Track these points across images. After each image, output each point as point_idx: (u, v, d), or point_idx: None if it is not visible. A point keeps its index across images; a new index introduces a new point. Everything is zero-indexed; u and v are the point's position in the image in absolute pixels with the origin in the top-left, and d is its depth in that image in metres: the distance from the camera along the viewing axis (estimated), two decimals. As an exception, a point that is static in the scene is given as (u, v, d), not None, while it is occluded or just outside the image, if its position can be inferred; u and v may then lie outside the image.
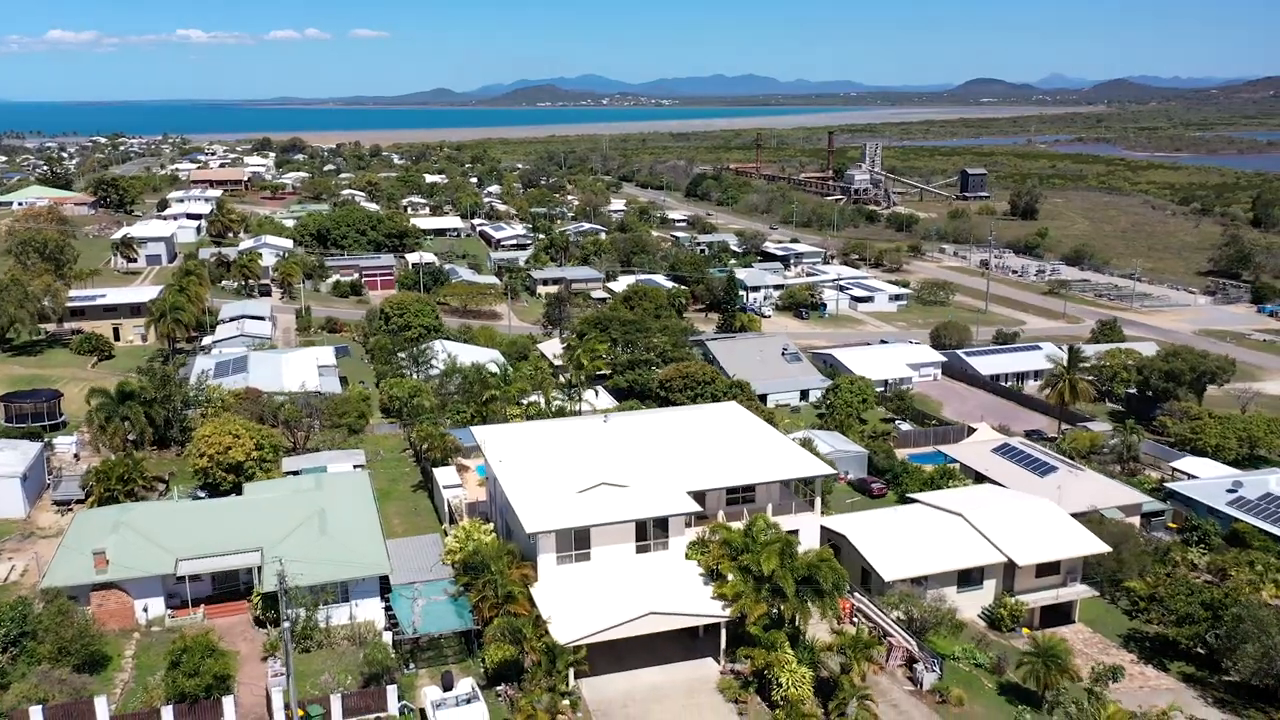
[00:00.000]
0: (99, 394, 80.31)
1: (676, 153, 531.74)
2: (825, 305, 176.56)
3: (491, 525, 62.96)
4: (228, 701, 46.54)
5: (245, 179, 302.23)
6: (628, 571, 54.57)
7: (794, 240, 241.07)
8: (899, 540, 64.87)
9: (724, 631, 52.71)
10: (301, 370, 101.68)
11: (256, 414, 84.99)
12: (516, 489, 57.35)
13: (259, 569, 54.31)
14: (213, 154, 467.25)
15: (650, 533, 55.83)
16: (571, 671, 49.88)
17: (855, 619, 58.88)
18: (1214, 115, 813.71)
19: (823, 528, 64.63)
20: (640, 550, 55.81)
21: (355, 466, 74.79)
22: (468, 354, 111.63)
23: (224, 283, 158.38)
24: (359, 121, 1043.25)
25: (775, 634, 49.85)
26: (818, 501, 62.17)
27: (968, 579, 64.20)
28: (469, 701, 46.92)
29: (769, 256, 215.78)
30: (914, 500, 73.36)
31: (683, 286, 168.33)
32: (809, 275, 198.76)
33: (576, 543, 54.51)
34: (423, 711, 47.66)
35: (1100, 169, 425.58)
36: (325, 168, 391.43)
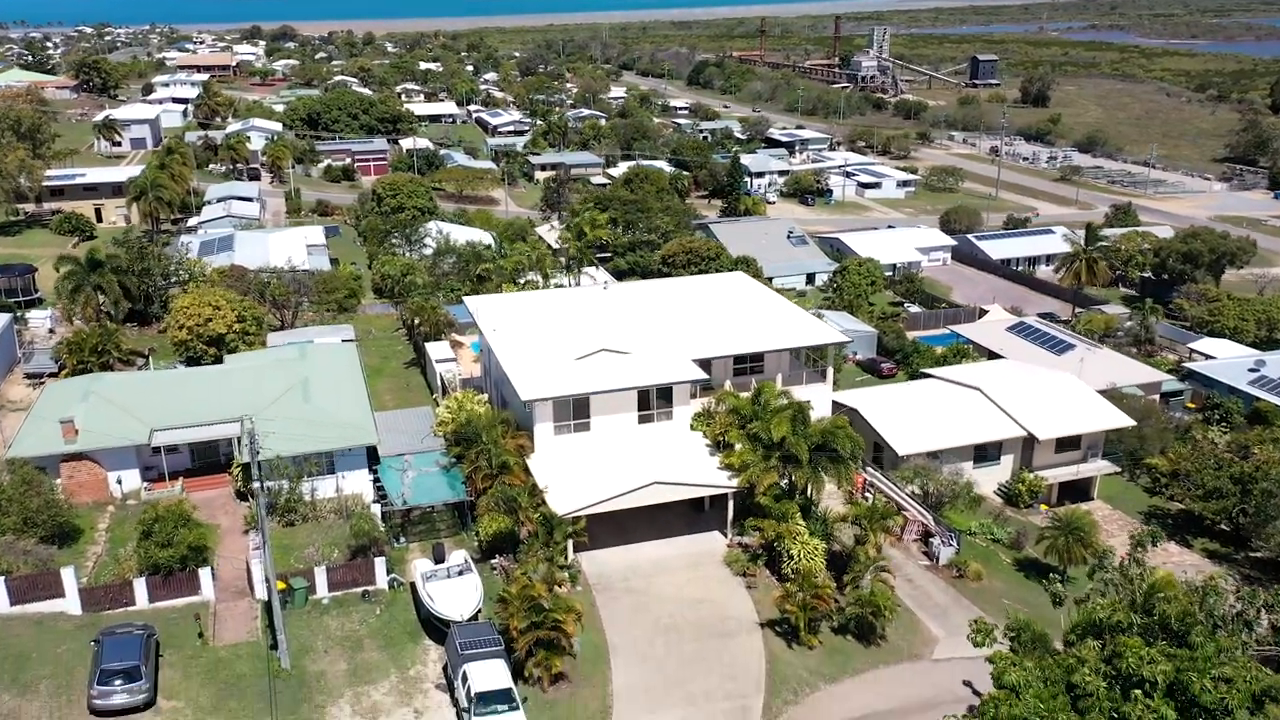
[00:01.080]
0: (67, 261, 76.42)
1: (678, 40, 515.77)
2: (831, 192, 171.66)
3: (485, 396, 59.94)
4: (204, 573, 44.00)
5: (234, 64, 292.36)
6: (629, 442, 51.56)
7: (799, 127, 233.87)
8: (913, 415, 61.87)
9: (731, 503, 49.96)
10: (289, 249, 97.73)
11: (242, 291, 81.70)
12: (511, 357, 54.01)
13: (238, 440, 51.15)
14: (201, 42, 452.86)
15: (653, 402, 52.64)
16: (570, 544, 47.28)
17: (868, 494, 56.29)
18: (1232, 1, 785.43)
19: (834, 402, 61.55)
20: (643, 420, 52.71)
21: (344, 341, 71.43)
22: (462, 235, 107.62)
23: (211, 166, 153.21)
24: (352, 10, 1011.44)
25: (786, 504, 47.05)
26: (830, 372, 58.83)
27: (984, 454, 61.44)
28: (461, 573, 44.38)
29: (774, 143, 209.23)
30: (928, 376, 70.25)
31: (685, 172, 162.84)
32: (814, 162, 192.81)
33: (575, 411, 51.36)
34: (413, 585, 45.16)
35: (1114, 56, 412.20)
36: (317, 55, 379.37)
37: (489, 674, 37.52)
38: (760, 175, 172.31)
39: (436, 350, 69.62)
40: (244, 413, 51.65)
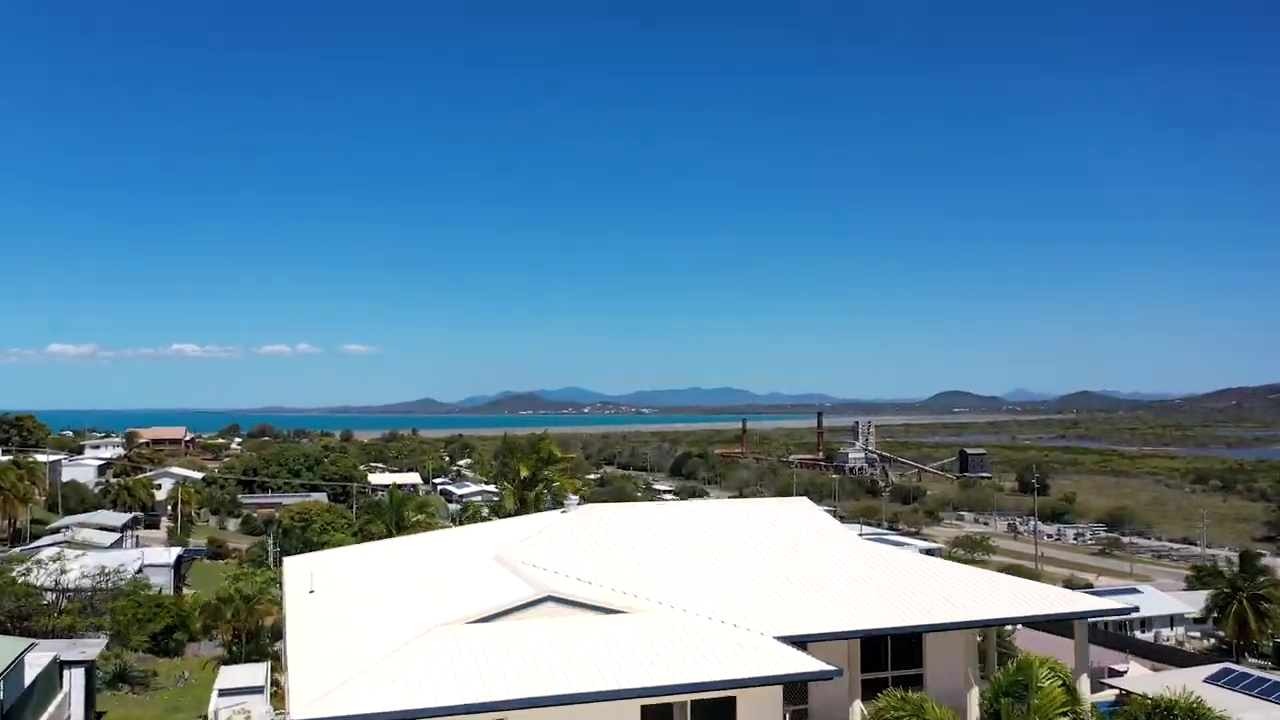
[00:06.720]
0: None
1: (660, 438, 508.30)
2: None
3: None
4: None
5: (185, 438, 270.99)
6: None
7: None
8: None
9: None
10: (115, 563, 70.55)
11: None
12: (318, 637, 24.86)
13: None
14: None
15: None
16: None
17: None
18: (1186, 420, 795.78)
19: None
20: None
21: (73, 662, 41.27)
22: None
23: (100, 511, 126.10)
24: (345, 426, 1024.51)
25: None
26: (1085, 684, 29.03)
27: None
28: None
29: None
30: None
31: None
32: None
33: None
34: None
35: (1095, 458, 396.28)
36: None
37: None
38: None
39: (230, 676, 39.34)
40: None
